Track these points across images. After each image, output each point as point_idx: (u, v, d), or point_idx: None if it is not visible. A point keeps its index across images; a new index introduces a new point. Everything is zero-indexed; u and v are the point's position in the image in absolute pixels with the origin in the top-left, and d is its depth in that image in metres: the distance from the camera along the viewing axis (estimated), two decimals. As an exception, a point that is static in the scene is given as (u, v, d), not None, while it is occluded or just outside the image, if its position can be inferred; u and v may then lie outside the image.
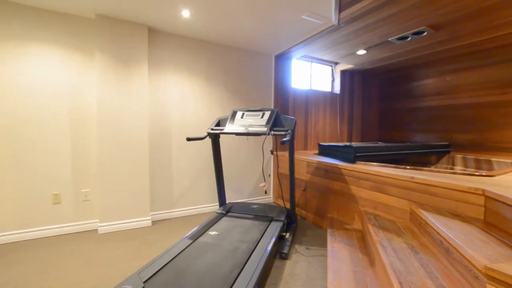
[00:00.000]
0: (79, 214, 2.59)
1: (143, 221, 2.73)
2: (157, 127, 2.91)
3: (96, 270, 1.88)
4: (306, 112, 4.01)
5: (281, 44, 3.22)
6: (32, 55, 2.34)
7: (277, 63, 3.68)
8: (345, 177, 2.47)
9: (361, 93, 4.70)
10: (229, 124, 2.36)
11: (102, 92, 2.49)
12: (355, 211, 2.37)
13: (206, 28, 2.77)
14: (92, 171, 2.63)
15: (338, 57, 3.70)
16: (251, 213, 2.58)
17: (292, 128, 2.21)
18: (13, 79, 2.28)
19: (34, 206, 2.40)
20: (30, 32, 2.33)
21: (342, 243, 2.02)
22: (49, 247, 2.24)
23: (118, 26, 2.53)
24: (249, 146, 3.53)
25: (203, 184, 3.22)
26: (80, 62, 2.53)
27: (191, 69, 3.07)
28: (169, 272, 1.57)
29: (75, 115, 2.53)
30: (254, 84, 3.53)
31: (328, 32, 2.73)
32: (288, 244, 2.21)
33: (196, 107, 3.13)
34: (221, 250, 1.85)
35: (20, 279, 1.76)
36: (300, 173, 3.12)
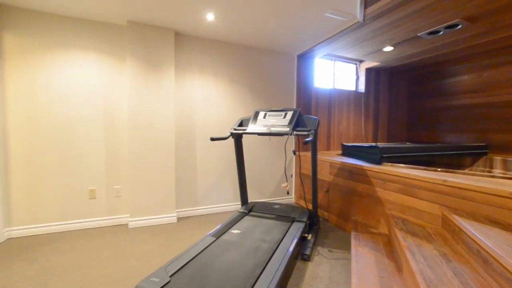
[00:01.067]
0: (112, 209, 2.76)
1: (169, 218, 2.85)
2: (183, 128, 3.02)
3: (127, 262, 2.00)
4: (329, 111, 3.93)
5: (304, 43, 3.19)
6: (72, 61, 2.54)
7: (300, 63, 3.64)
8: (370, 179, 2.39)
9: (387, 92, 4.51)
10: (251, 124, 2.38)
11: (132, 94, 2.63)
12: (381, 214, 2.28)
13: (230, 30, 2.82)
14: (123, 169, 2.79)
15: (363, 55, 3.58)
16: (273, 213, 2.58)
17: (315, 128, 2.18)
18: (57, 84, 2.50)
19: (74, 200, 2.61)
20: (70, 40, 2.53)
21: (367, 247, 1.96)
22: (86, 238, 2.42)
23: (147, 32, 2.67)
24: (271, 146, 3.54)
25: (226, 183, 3.28)
26: (113, 66, 2.70)
27: (215, 71, 3.14)
28: (193, 267, 1.62)
29: (108, 116, 2.71)
30: (276, 84, 3.53)
31: (352, 29, 2.65)
32: (310, 246, 2.19)
33: (220, 108, 3.20)
34: (243, 248, 1.87)
35: (64, 266, 1.92)
36: (323, 174, 3.07)
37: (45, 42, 2.44)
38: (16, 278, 1.78)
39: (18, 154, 2.41)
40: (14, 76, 2.36)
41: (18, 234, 2.43)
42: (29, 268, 1.90)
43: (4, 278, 1.77)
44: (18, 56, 2.37)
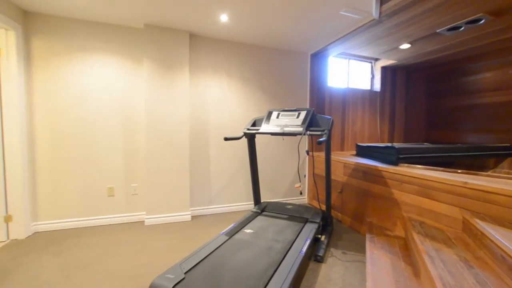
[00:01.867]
0: (129, 206, 2.86)
1: (184, 216, 2.91)
2: (197, 128, 3.07)
3: (144, 259, 2.07)
4: (343, 111, 3.87)
5: (318, 42, 3.15)
6: (93, 63, 2.65)
7: (313, 62, 3.60)
8: (386, 180, 2.33)
9: (404, 90, 4.37)
10: (264, 124, 2.39)
11: (149, 95, 2.71)
12: (397, 216, 2.22)
13: (243, 30, 2.84)
14: (140, 168, 2.88)
15: (379, 53, 3.49)
16: (286, 213, 2.58)
17: (328, 128, 2.16)
18: (79, 86, 2.62)
19: (94, 198, 2.73)
20: (91, 43, 2.63)
21: (383, 250, 1.92)
22: (106, 234, 2.52)
23: (163, 34, 2.73)
24: (284, 146, 3.53)
25: (239, 182, 3.31)
26: (130, 68, 2.79)
27: (228, 71, 3.18)
28: (207, 265, 1.65)
29: (126, 116, 2.80)
30: (289, 84, 3.51)
31: (368, 27, 2.60)
32: (323, 247, 2.17)
33: (233, 108, 3.23)
34: (256, 248, 1.88)
35: (86, 260, 2.02)
36: (337, 175, 3.03)
37: (68, 46, 2.56)
38: (43, 269, 1.88)
39: (44, 152, 2.55)
40: (40, 78, 2.50)
41: (44, 228, 2.57)
42: (54, 260, 2.01)
43: (33, 270, 1.88)
44: (44, 60, 2.50)
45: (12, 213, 2.34)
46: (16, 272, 1.85)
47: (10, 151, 2.30)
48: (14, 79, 2.27)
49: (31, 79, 2.47)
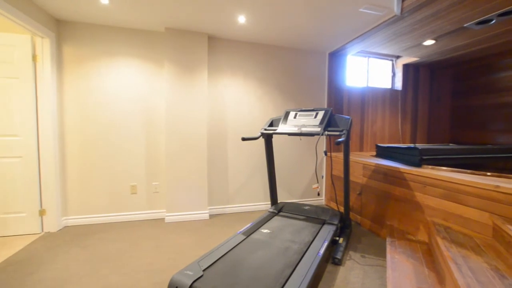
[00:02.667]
0: (150, 204, 2.97)
1: (202, 214, 2.98)
2: (215, 128, 3.13)
3: (164, 255, 2.14)
4: (362, 111, 3.77)
5: (336, 40, 3.10)
6: (117, 67, 2.78)
7: (331, 61, 3.54)
8: (408, 182, 2.25)
9: (427, 89, 4.18)
10: (282, 125, 2.39)
11: (169, 97, 2.80)
12: (420, 220, 2.14)
13: (260, 31, 2.85)
14: (160, 167, 2.98)
15: (400, 50, 3.37)
16: (303, 214, 2.56)
17: (347, 128, 2.12)
18: (104, 88, 2.76)
19: (118, 195, 2.86)
20: (115, 48, 2.77)
21: (404, 255, 1.85)
22: (129, 230, 2.63)
23: (183, 37, 2.81)
24: (301, 147, 3.51)
25: (256, 182, 3.33)
26: (152, 71, 2.90)
27: (246, 72, 3.21)
28: (225, 263, 1.68)
29: (148, 117, 2.91)
30: (307, 83, 3.48)
31: (389, 23, 2.51)
32: (341, 250, 2.13)
33: (250, 108, 3.25)
34: (272, 248, 1.89)
35: (110, 254, 2.12)
36: (355, 176, 2.96)
37: (95, 51, 2.71)
38: (72, 262, 2.00)
39: (73, 151, 2.71)
40: (70, 82, 2.66)
41: (73, 223, 2.74)
42: (82, 254, 2.13)
43: (63, 262, 2.01)
44: (73, 64, 2.66)
45: (46, 208, 2.51)
46: (50, 262, 1.98)
47: (44, 150, 2.47)
48: (48, 83, 2.44)
49: (62, 83, 2.64)
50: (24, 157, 2.40)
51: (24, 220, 2.45)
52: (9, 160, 2.37)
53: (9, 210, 2.40)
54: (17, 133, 2.37)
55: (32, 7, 2.22)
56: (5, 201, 2.38)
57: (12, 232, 2.43)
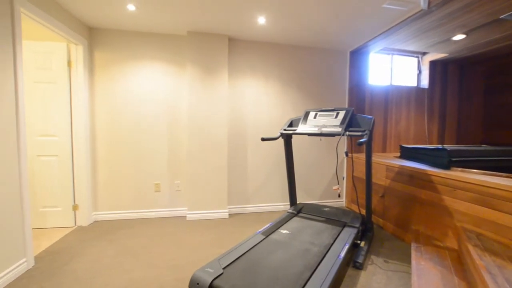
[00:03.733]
0: (173, 201, 3.08)
1: (222, 213, 3.04)
2: (235, 128, 3.18)
3: (185, 251, 2.21)
4: (386, 110, 3.64)
5: (358, 38, 3.02)
6: (142, 70, 2.92)
7: (353, 59, 3.46)
8: (435, 185, 2.14)
9: (457, 86, 3.94)
10: (301, 125, 2.37)
11: (191, 98, 2.89)
12: (449, 226, 2.02)
13: (280, 31, 2.86)
14: (182, 166, 3.08)
15: (427, 46, 3.21)
16: (323, 215, 2.52)
17: (370, 129, 2.06)
18: (131, 91, 2.91)
19: (143, 192, 3.00)
20: (140, 52, 2.90)
21: (431, 262, 1.77)
22: (152, 226, 2.75)
23: (204, 39, 2.89)
24: (321, 147, 3.46)
25: (275, 183, 3.33)
26: (174, 73, 3.01)
27: (265, 72, 3.22)
28: (244, 262, 1.70)
29: (170, 118, 3.02)
30: (327, 83, 3.42)
31: (414, 19, 2.41)
32: (363, 254, 2.07)
33: (270, 108, 3.27)
34: (292, 249, 1.88)
35: (135, 249, 2.23)
36: (378, 178, 2.86)
37: (122, 55, 2.86)
38: (101, 255, 2.13)
39: (102, 151, 2.88)
40: (100, 85, 2.83)
41: (102, 218, 2.91)
42: (110, 247, 2.26)
43: (94, 254, 2.14)
44: (103, 69, 2.83)
45: (78, 203, 2.70)
46: (81, 254, 2.13)
47: (77, 149, 2.65)
48: (81, 87, 2.62)
49: (93, 86, 2.81)
50: (60, 156, 2.60)
51: (60, 214, 2.64)
52: (48, 159, 2.57)
53: (47, 204, 2.61)
54: (54, 133, 2.57)
55: (68, 16, 2.39)
56: (44, 196, 2.59)
57: (50, 224, 2.64)
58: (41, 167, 2.56)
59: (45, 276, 1.82)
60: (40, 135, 2.55)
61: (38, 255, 2.11)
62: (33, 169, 2.55)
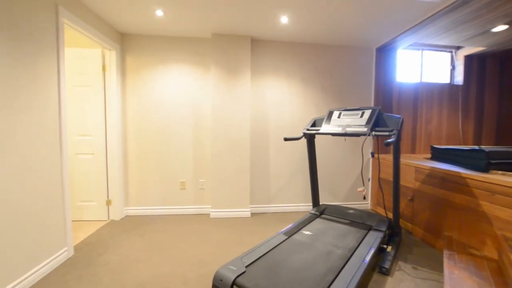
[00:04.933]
0: (197, 199, 3.19)
1: (244, 212, 3.09)
2: (257, 128, 3.20)
3: (208, 248, 2.28)
4: (415, 109, 3.45)
5: (384, 34, 2.90)
6: (169, 73, 3.05)
7: (379, 56, 3.33)
8: (471, 189, 2.00)
9: (496, 82, 3.63)
10: (325, 125, 2.33)
11: (215, 99, 2.96)
12: (487, 233, 1.88)
13: (303, 29, 2.83)
14: (206, 165, 3.18)
15: (462, 40, 2.99)
16: (347, 218, 2.46)
17: (398, 128, 1.97)
18: (158, 93, 3.05)
19: (169, 190, 3.14)
20: (167, 55, 3.03)
21: (467, 272, 1.65)
22: (178, 223, 2.86)
23: (228, 41, 2.95)
24: (346, 148, 3.37)
25: (297, 183, 3.31)
26: (199, 75, 3.10)
27: (288, 72, 3.21)
28: (266, 262, 1.71)
29: (195, 119, 3.13)
30: (351, 82, 3.33)
31: (448, 11, 2.26)
32: (389, 259, 1.99)
33: (292, 108, 3.25)
34: (314, 250, 1.86)
35: (162, 244, 2.35)
36: (407, 180, 2.73)
37: (150, 59, 3.01)
38: (132, 248, 2.27)
39: (132, 150, 3.05)
40: (131, 88, 3.01)
41: (132, 213, 3.09)
42: (140, 241, 2.40)
43: (125, 247, 2.28)
44: (133, 72, 3.00)
45: (111, 199, 2.89)
46: (114, 247, 2.28)
47: (110, 148, 2.84)
48: (113, 90, 2.80)
49: (125, 89, 2.99)
50: (95, 154, 2.80)
51: (95, 208, 2.85)
52: (85, 157, 2.79)
53: (84, 199, 2.83)
54: (90, 133, 2.78)
55: (103, 24, 2.57)
56: (81, 191, 2.81)
57: (86, 217, 2.85)
58: (79, 165, 2.78)
59: (83, 265, 1.98)
60: (78, 135, 2.76)
61: (77, 245, 2.30)
62: (72, 166, 2.77)
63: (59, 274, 1.86)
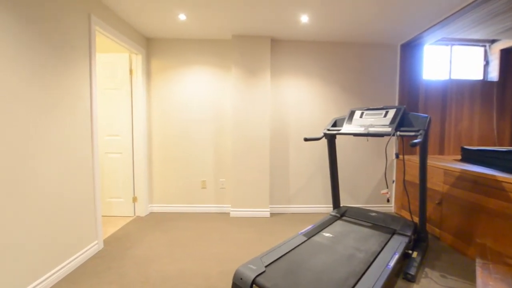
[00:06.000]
0: (217, 198, 3.26)
1: (263, 212, 3.10)
2: (277, 128, 3.21)
3: (228, 246, 2.32)
4: (443, 107, 3.27)
5: (410, 30, 2.77)
6: (191, 75, 3.14)
7: (404, 53, 3.19)
8: (509, 194, 1.86)
9: (539, 78, 3.33)
10: (346, 124, 2.28)
11: (235, 100, 3.01)
12: (527, 242, 1.74)
13: (322, 29, 2.79)
14: (227, 165, 3.23)
15: (497, 33, 2.79)
16: (369, 220, 2.39)
17: (425, 128, 1.88)
18: (181, 94, 3.15)
19: (191, 188, 3.23)
20: (189, 57, 3.13)
21: (503, 283, 1.54)
22: (199, 221, 2.94)
23: (248, 41, 2.98)
24: (368, 148, 3.27)
25: (317, 184, 3.27)
26: (220, 76, 3.16)
27: (308, 71, 3.18)
28: (286, 262, 1.71)
29: (216, 119, 3.19)
30: (374, 80, 3.23)
31: (481, 2, 2.11)
32: (415, 265, 1.91)
33: (312, 108, 3.21)
34: (335, 253, 1.83)
35: (184, 240, 2.42)
36: (434, 183, 2.60)
37: (173, 62, 3.12)
38: (156, 243, 2.37)
39: (157, 149, 3.19)
40: (155, 90, 3.14)
41: (156, 210, 3.22)
42: (164, 237, 2.49)
43: (149, 242, 2.39)
44: (158, 75, 3.12)
45: (137, 196, 3.04)
46: (140, 241, 2.39)
47: (136, 148, 2.98)
48: (139, 92, 2.94)
49: (149, 91, 3.13)
50: (123, 153, 2.96)
51: (122, 204, 3.01)
52: (113, 155, 2.96)
53: (113, 195, 3.00)
54: (118, 133, 2.94)
55: (130, 30, 2.71)
56: (110, 188, 2.98)
57: (114, 213, 3.02)
58: (108, 163, 2.95)
59: (112, 258, 2.10)
60: (107, 135, 2.94)
61: (106, 239, 2.44)
62: (102, 164, 2.95)
63: (91, 265, 1.99)
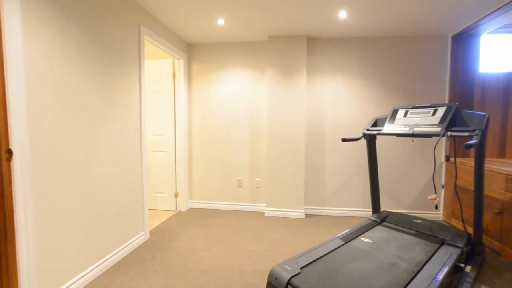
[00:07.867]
0: (253, 197, 3.33)
1: (298, 213, 3.08)
2: (312, 128, 3.16)
3: (263, 245, 2.36)
4: (505, 104, 2.88)
5: (463, 18, 2.50)
6: (228, 77, 3.26)
7: (456, 45, 2.88)
8: None
9: None
10: (388, 124, 2.15)
11: (270, 100, 3.04)
12: None
13: (362, 23, 2.66)
14: (262, 164, 3.28)
15: None
16: (413, 228, 2.22)
17: (482, 128, 1.68)
18: (218, 95, 3.29)
19: (227, 186, 3.36)
20: (226, 60, 3.25)
21: None
22: (235, 218, 3.04)
23: (284, 42, 2.99)
24: (412, 149, 3.04)
25: (355, 186, 3.14)
26: (256, 77, 3.22)
27: (345, 69, 3.07)
28: (322, 266, 1.67)
29: (252, 119, 3.26)
30: (419, 76, 2.98)
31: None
32: (469, 281, 1.72)
33: (350, 108, 3.10)
34: (374, 260, 1.74)
35: (221, 236, 2.53)
36: (492, 189, 2.31)
37: (212, 65, 3.27)
38: (196, 237, 2.51)
39: (196, 148, 3.38)
40: (195, 93, 3.33)
41: (195, 206, 3.42)
42: (202, 232, 2.64)
43: (190, 236, 2.55)
44: (198, 77, 3.31)
45: (179, 192, 3.26)
46: (181, 235, 2.56)
47: (178, 147, 3.21)
48: (181, 94, 3.15)
49: (190, 93, 3.33)
50: (166, 152, 3.20)
51: (165, 199, 3.26)
52: (159, 154, 3.22)
53: (157, 190, 3.26)
54: (163, 133, 3.19)
55: (174, 37, 2.92)
56: (156, 184, 3.25)
57: (159, 207, 3.29)
58: (154, 161, 3.22)
59: (156, 248, 2.28)
60: (153, 134, 3.21)
61: (151, 231, 2.66)
62: (149, 162, 3.23)
63: (139, 253, 2.20)
